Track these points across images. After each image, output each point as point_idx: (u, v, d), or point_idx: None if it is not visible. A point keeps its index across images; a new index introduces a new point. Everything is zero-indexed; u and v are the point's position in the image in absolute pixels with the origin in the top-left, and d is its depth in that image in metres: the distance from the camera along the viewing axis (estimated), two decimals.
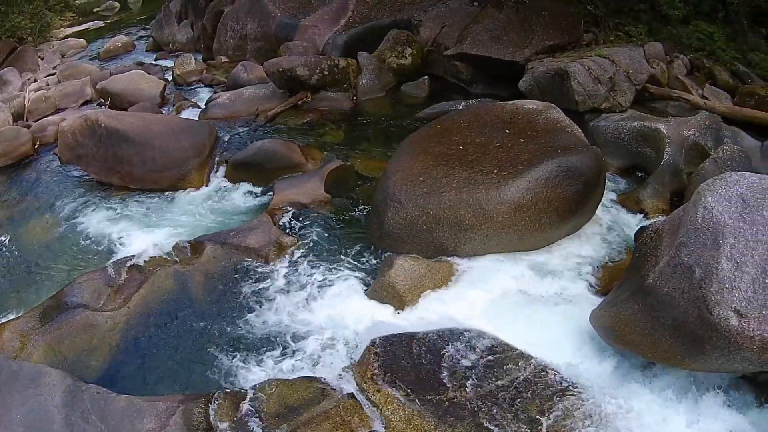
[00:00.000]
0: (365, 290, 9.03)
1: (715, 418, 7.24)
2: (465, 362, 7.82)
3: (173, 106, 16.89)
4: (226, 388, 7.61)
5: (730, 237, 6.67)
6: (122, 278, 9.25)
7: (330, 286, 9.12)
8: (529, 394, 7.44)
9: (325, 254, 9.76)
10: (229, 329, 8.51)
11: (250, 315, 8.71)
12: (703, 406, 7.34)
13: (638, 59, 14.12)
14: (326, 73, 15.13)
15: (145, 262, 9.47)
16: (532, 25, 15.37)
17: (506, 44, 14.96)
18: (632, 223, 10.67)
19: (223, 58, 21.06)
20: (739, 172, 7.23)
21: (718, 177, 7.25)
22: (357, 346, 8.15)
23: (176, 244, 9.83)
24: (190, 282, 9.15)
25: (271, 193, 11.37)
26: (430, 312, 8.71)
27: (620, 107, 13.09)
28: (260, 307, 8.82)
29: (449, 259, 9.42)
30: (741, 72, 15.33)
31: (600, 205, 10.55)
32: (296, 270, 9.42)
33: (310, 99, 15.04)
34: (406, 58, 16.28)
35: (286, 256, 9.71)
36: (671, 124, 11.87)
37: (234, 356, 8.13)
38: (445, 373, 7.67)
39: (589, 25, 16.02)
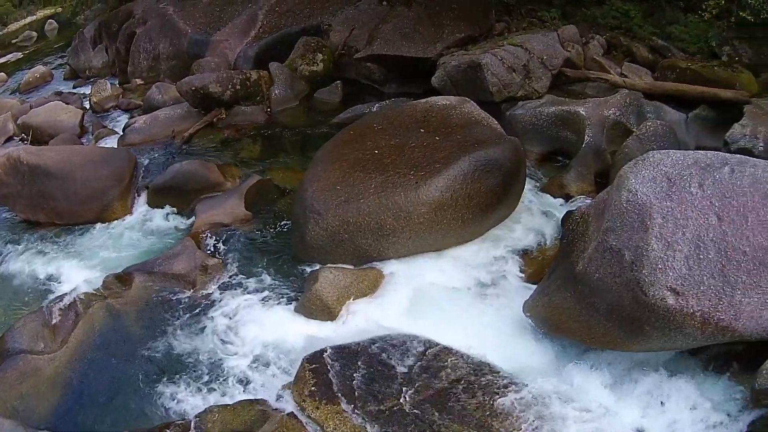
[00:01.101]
0: (294, 306, 8.92)
1: (662, 393, 7.24)
2: (401, 368, 7.73)
3: (92, 135, 16.56)
4: (170, 420, 7.50)
5: (658, 217, 6.74)
6: (58, 318, 9.04)
7: (259, 305, 9.04)
8: (470, 394, 7.37)
9: (250, 273, 9.67)
10: (166, 360, 8.40)
11: (184, 344, 8.59)
12: (650, 383, 7.34)
13: (552, 44, 14.26)
14: (239, 87, 14.97)
15: (78, 299, 9.27)
16: (442, 19, 15.39)
17: (417, 41, 14.98)
18: (558, 208, 10.69)
19: (138, 81, 20.74)
20: (662, 151, 7.35)
21: (640, 158, 7.34)
22: (292, 363, 8.04)
23: (106, 278, 9.69)
24: (123, 315, 9.06)
25: (193, 215, 11.23)
26: (361, 321, 8.66)
27: (537, 94, 13.23)
28: (193, 334, 8.71)
29: (375, 264, 9.39)
30: (660, 46, 15.48)
31: (523, 194, 10.55)
32: (224, 292, 9.33)
33: (224, 115, 14.86)
34: (318, 64, 16.16)
35: (213, 279, 9.58)
36: (590, 105, 11.98)
37: (174, 386, 8.01)
38: (383, 382, 7.58)
39: (500, 14, 16.07)
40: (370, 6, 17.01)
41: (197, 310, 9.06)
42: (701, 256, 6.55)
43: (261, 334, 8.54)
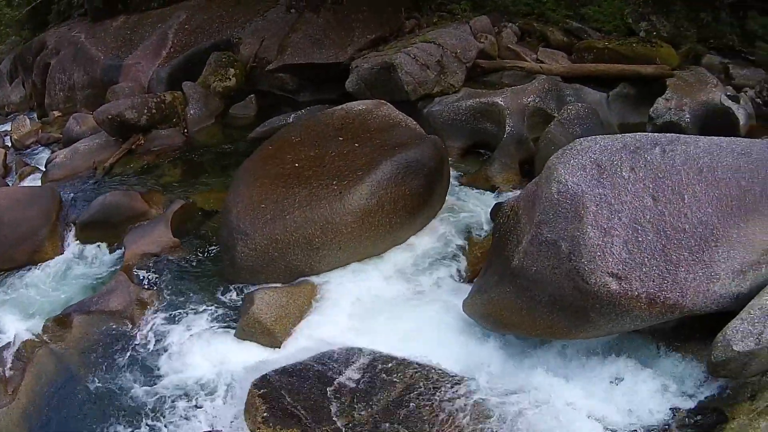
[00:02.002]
0: (234, 331, 8.66)
1: (619, 377, 7.25)
2: (350, 384, 7.53)
3: (16, 174, 15.94)
4: None
5: (592, 205, 6.74)
6: (5, 370, 8.62)
7: (198, 334, 8.72)
8: (423, 400, 7.23)
9: (186, 302, 9.35)
10: (116, 402, 8.05)
11: (132, 382, 8.24)
12: (604, 368, 7.36)
13: (465, 37, 14.10)
14: (154, 111, 14.49)
15: (22, 347, 8.83)
16: (351, 22, 15.14)
17: (328, 47, 14.72)
18: (486, 201, 10.60)
19: (56, 113, 20.14)
20: (589, 138, 7.35)
21: (566, 147, 7.33)
22: (240, 390, 7.77)
23: (46, 322, 9.28)
24: (68, 360, 8.66)
25: (122, 248, 10.85)
26: (303, 339, 8.44)
27: (453, 88, 13.01)
28: (139, 371, 8.38)
29: (308, 279, 9.15)
30: (575, 28, 15.38)
31: (449, 190, 10.47)
32: (162, 325, 9.01)
33: (143, 141, 14.35)
34: (230, 79, 15.78)
35: (150, 312, 9.26)
36: (508, 94, 11.97)
37: (128, 428, 7.70)
38: (333, 400, 7.35)
39: (410, 11, 15.81)
40: (279, 15, 16.68)
41: (139, 346, 8.75)
42: (640, 239, 6.61)
43: (205, 363, 8.26)
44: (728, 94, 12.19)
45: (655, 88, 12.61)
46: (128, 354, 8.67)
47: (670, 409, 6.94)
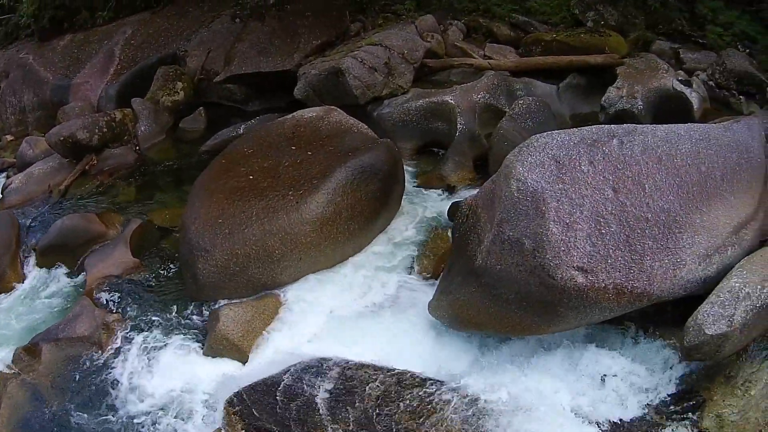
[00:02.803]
0: (202, 349, 8.53)
1: (593, 368, 7.32)
2: (324, 394, 7.40)
3: None
4: None
5: (553, 201, 6.76)
6: None
7: (167, 355, 8.59)
8: (398, 405, 7.15)
9: (152, 322, 9.16)
10: (92, 430, 7.91)
11: (106, 409, 8.10)
12: (579, 360, 7.42)
13: (411, 37, 13.95)
14: (105, 129, 14.11)
15: None
16: (297, 29, 14.87)
17: (274, 55, 14.47)
18: (442, 201, 10.60)
19: (9, 137, 19.74)
20: (545, 134, 7.33)
21: (523, 144, 7.30)
22: (214, 408, 7.69)
23: (15, 352, 9.04)
24: (41, 389, 8.49)
25: (84, 272, 10.60)
26: (271, 353, 8.35)
27: (402, 90, 12.88)
28: (112, 397, 8.22)
29: (272, 292, 9.01)
30: (521, 22, 15.27)
31: (405, 192, 10.40)
32: (130, 347, 8.82)
33: (96, 161, 14.00)
34: (179, 93, 15.42)
35: (116, 336, 9.04)
36: (458, 92, 11.93)
37: None
38: (309, 412, 7.23)
39: (355, 14, 15.54)
40: (224, 25, 16.33)
41: (110, 372, 8.56)
42: (603, 231, 6.68)
43: (177, 384, 8.12)
44: (680, 78, 12.30)
45: (605, 78, 12.70)
46: (100, 380, 8.50)
47: (647, 395, 7.04)
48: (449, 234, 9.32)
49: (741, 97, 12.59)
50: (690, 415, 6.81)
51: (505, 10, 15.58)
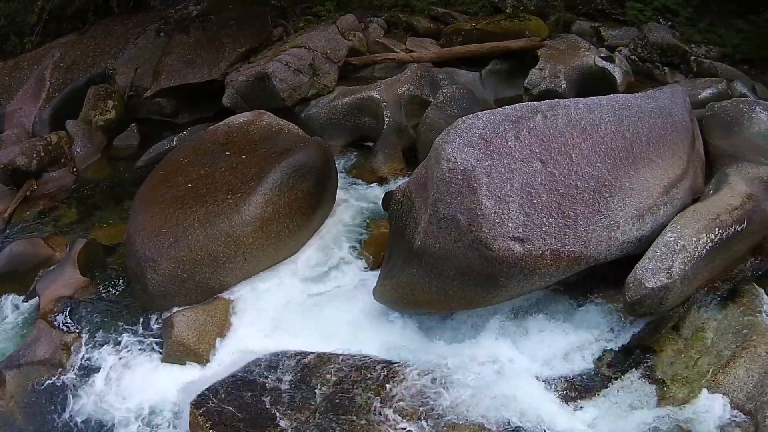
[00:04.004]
0: (160, 357, 8.47)
1: (543, 334, 7.55)
2: (284, 386, 7.44)
3: None
4: None
5: (483, 177, 6.88)
6: None
7: (127, 367, 8.49)
8: (358, 390, 7.21)
9: (109, 338, 9.06)
10: None
11: (74, 428, 8.05)
12: (529, 328, 7.64)
13: (333, 37, 13.93)
14: (43, 154, 13.85)
15: None
16: (221, 38, 14.75)
17: (200, 66, 14.33)
18: (376, 193, 10.66)
19: None
20: (471, 115, 7.45)
21: (450, 127, 7.40)
22: (180, 413, 7.67)
23: None
24: (9, 417, 8.36)
25: (36, 296, 10.37)
26: (228, 353, 8.35)
27: (327, 89, 12.89)
28: (80, 416, 8.13)
29: (221, 295, 8.99)
30: (441, 14, 15.30)
31: (339, 188, 10.43)
32: (91, 366, 8.72)
33: (36, 186, 13.73)
34: (110, 111, 15.11)
35: (76, 355, 8.94)
36: (382, 87, 11.97)
37: None
38: (272, 406, 7.21)
39: (276, 19, 15.47)
40: (150, 40, 16.12)
41: (75, 391, 8.45)
42: (535, 201, 6.83)
43: (141, 394, 8.05)
44: (602, 55, 12.51)
45: (528, 61, 12.81)
46: (66, 400, 8.41)
47: (598, 354, 7.25)
48: (386, 222, 9.28)
49: (665, 68, 12.85)
50: (642, 367, 6.96)
51: (424, 3, 15.62)
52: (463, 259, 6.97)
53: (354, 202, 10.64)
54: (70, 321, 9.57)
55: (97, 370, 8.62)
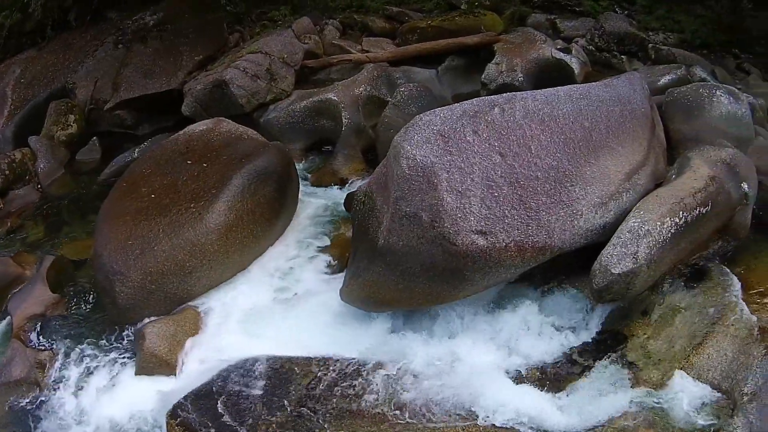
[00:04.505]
0: (134, 369, 8.37)
1: (507, 324, 7.57)
2: (257, 391, 7.38)
3: None
4: None
5: (443, 173, 6.84)
6: None
7: (102, 382, 8.41)
8: (330, 391, 7.20)
9: (82, 353, 8.94)
10: None
11: None
12: (496, 322, 7.64)
13: (289, 41, 13.85)
14: (8, 172, 13.62)
15: None
16: (178, 46, 14.62)
17: (159, 75, 14.17)
18: (338, 194, 10.61)
19: None
20: (428, 112, 7.40)
21: (408, 125, 7.33)
22: (156, 424, 7.60)
23: None
24: None
25: (8, 315, 10.18)
26: (199, 362, 8.25)
27: (285, 93, 12.82)
28: None
29: (190, 304, 8.90)
30: (395, 13, 15.24)
31: (300, 191, 10.41)
32: (67, 382, 8.61)
33: (1, 205, 13.55)
34: (72, 126, 14.86)
35: (52, 372, 8.83)
36: (340, 88, 11.90)
37: None
38: (247, 410, 7.17)
39: (233, 26, 15.32)
40: (108, 52, 15.87)
41: (52, 408, 8.36)
42: (496, 194, 6.84)
43: (117, 408, 7.96)
44: (559, 47, 12.53)
45: (484, 56, 12.80)
46: (45, 418, 8.32)
47: (569, 343, 7.30)
48: (349, 223, 9.23)
49: (623, 57, 12.89)
50: (614, 352, 7.00)
51: (379, 3, 15.56)
52: (428, 255, 6.91)
53: (316, 204, 10.59)
54: (43, 339, 9.44)
55: (73, 386, 8.52)
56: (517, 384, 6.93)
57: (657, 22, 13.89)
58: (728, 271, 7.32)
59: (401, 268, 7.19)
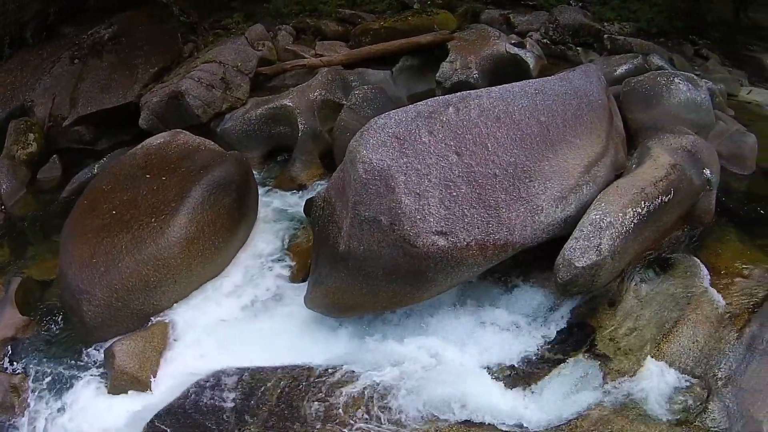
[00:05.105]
0: (106, 388, 8.21)
1: (474, 322, 7.60)
2: (229, 404, 7.32)
3: None
4: None
5: (400, 175, 6.77)
6: None
7: (77, 402, 8.22)
8: (301, 399, 7.15)
9: (55, 375, 8.79)
10: None
11: None
12: (459, 318, 7.66)
13: (243, 49, 13.73)
14: None
15: None
16: (134, 59, 14.39)
17: (115, 89, 13.91)
18: (296, 200, 10.53)
19: None
20: (383, 115, 7.29)
21: (363, 129, 7.24)
22: None
23: None
24: None
25: None
26: (171, 377, 8.08)
27: (240, 101, 12.64)
28: None
29: (157, 319, 8.72)
30: (348, 16, 15.07)
31: (260, 200, 10.30)
32: (42, 404, 8.46)
33: None
34: (32, 144, 14.50)
35: (26, 396, 8.64)
36: (295, 94, 11.75)
37: None
38: (220, 423, 7.11)
39: (187, 36, 15.10)
40: (65, 68, 15.52)
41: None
42: (454, 194, 6.76)
43: (92, 429, 7.81)
44: (513, 42, 12.49)
45: (439, 54, 12.68)
46: None
47: (538, 338, 7.28)
48: (309, 230, 9.27)
49: (578, 48, 12.90)
50: (584, 345, 6.99)
51: (331, 7, 15.35)
52: (389, 258, 6.86)
53: (276, 212, 10.52)
54: (15, 362, 9.29)
55: (48, 408, 8.37)
56: (488, 382, 6.89)
57: (612, 13, 13.91)
58: (696, 259, 7.31)
59: (364, 273, 7.14)
